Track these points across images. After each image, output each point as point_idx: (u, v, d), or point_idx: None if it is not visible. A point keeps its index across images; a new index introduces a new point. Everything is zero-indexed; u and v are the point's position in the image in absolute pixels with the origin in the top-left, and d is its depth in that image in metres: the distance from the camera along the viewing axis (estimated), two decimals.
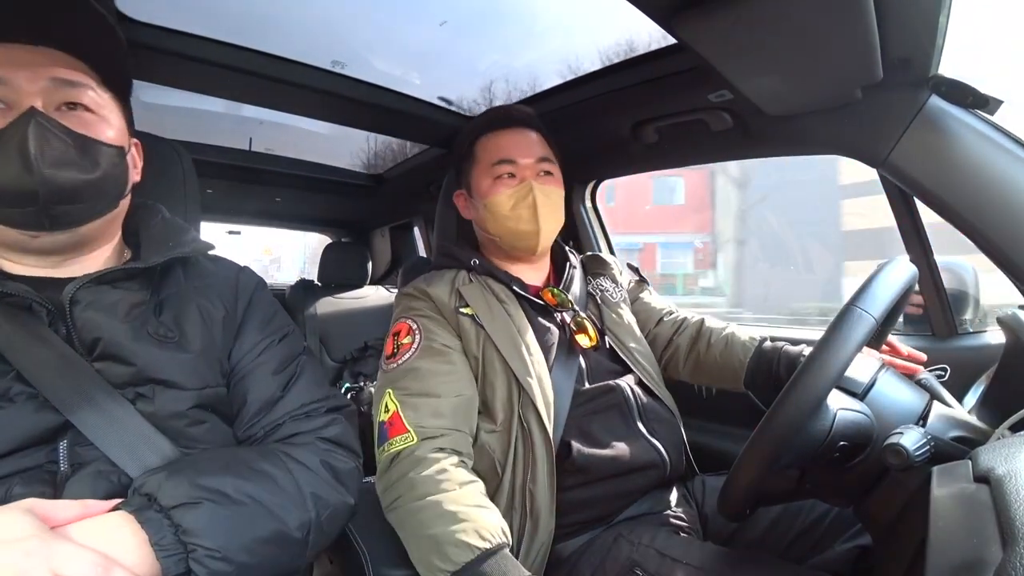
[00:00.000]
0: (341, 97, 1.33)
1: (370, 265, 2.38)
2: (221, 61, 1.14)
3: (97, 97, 0.64)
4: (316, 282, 2.33)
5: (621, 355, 1.00)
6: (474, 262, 1.01)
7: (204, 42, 1.11)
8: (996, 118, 0.84)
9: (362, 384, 1.95)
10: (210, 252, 0.77)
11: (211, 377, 0.68)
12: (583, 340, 0.96)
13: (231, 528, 0.54)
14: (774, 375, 0.95)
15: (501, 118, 1.04)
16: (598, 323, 1.03)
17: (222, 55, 1.14)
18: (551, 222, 1.00)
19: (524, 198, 0.97)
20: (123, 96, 0.69)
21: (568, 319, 0.98)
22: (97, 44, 0.63)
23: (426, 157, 1.89)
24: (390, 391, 0.86)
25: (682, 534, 0.89)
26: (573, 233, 1.66)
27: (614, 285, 1.13)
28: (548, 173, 1.02)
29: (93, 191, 0.62)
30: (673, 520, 0.92)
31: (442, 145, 1.71)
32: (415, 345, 0.91)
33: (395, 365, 0.90)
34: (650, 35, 1.08)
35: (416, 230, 2.63)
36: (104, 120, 0.64)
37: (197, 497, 0.53)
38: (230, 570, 0.53)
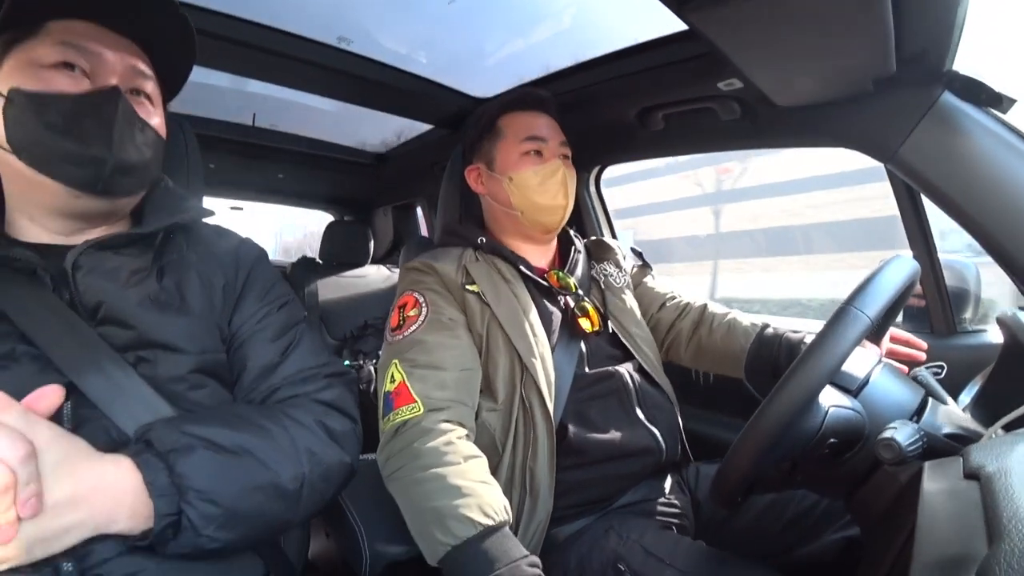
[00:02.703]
0: (346, 74, 1.32)
1: (372, 244, 2.37)
2: (226, 34, 1.12)
3: (156, 91, 0.70)
4: (317, 260, 2.33)
5: (623, 340, 1.01)
6: (481, 240, 1.01)
7: (209, 15, 1.09)
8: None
9: (361, 362, 1.96)
10: (212, 223, 0.79)
11: (210, 342, 0.69)
12: (585, 324, 0.97)
13: (223, 474, 0.56)
14: (774, 361, 0.96)
15: (528, 99, 1.06)
16: (601, 308, 1.03)
17: (227, 28, 1.12)
18: (571, 202, 1.03)
19: (552, 175, 1.00)
20: (170, 94, 0.76)
21: (572, 303, 0.99)
22: (175, 54, 0.70)
23: (430, 137, 1.87)
24: (396, 362, 0.87)
25: (673, 530, 0.90)
26: (576, 218, 1.65)
27: (618, 270, 1.14)
28: (566, 157, 1.04)
29: (142, 171, 0.67)
30: (666, 509, 0.93)
31: (447, 125, 1.69)
32: (422, 318, 0.91)
33: (401, 337, 0.90)
34: (662, 20, 1.06)
35: (419, 210, 2.62)
36: (155, 111, 0.70)
37: (190, 443, 0.55)
38: (219, 513, 0.55)
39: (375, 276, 2.36)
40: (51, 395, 0.49)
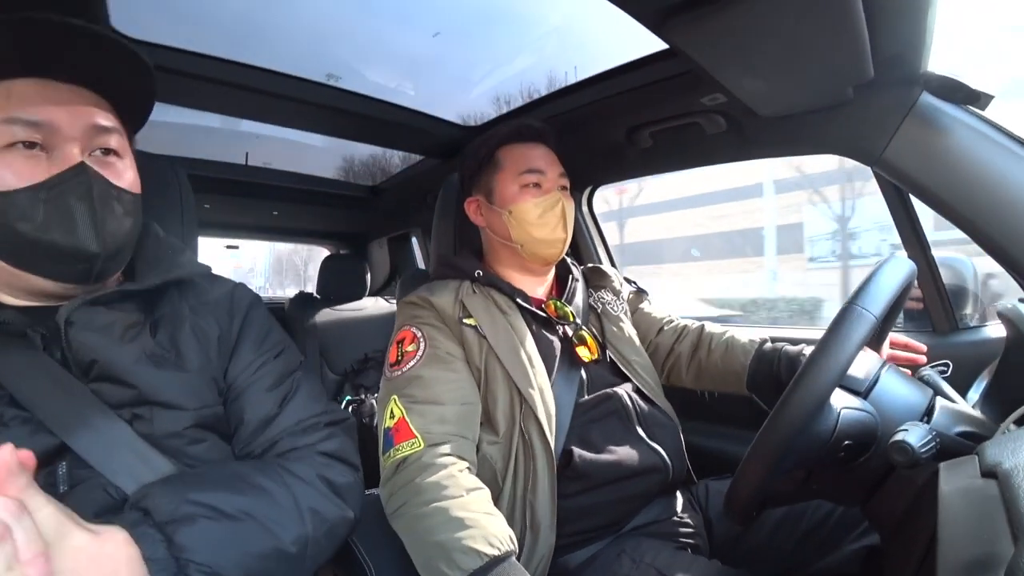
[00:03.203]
0: (336, 110, 1.34)
1: (368, 277, 2.38)
2: (215, 76, 1.14)
3: (122, 140, 0.64)
4: (315, 295, 2.33)
5: (622, 368, 1.00)
6: (478, 273, 1.01)
7: (198, 58, 1.11)
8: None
9: (363, 396, 1.94)
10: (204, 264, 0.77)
11: (209, 397, 0.68)
12: (584, 353, 0.96)
13: (224, 543, 0.54)
14: (775, 376, 0.95)
15: (526, 130, 1.05)
16: (599, 336, 1.03)
17: (216, 70, 1.14)
18: (570, 233, 1.03)
19: (552, 208, 0.99)
20: (134, 129, 0.70)
21: (570, 332, 0.98)
22: (131, 88, 0.64)
23: (422, 168, 1.89)
24: (395, 398, 0.86)
25: (687, 551, 0.88)
26: (572, 242, 1.66)
27: (615, 297, 1.13)
28: (565, 188, 1.04)
29: (130, 242, 0.64)
30: (679, 529, 0.92)
31: (437, 155, 1.71)
32: (420, 353, 0.90)
33: (399, 373, 0.90)
34: (642, 41, 1.08)
35: (414, 241, 2.64)
36: (127, 164, 0.64)
37: (191, 513, 0.53)
38: None
39: (373, 309, 2.36)
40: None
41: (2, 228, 0.55)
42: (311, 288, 2.40)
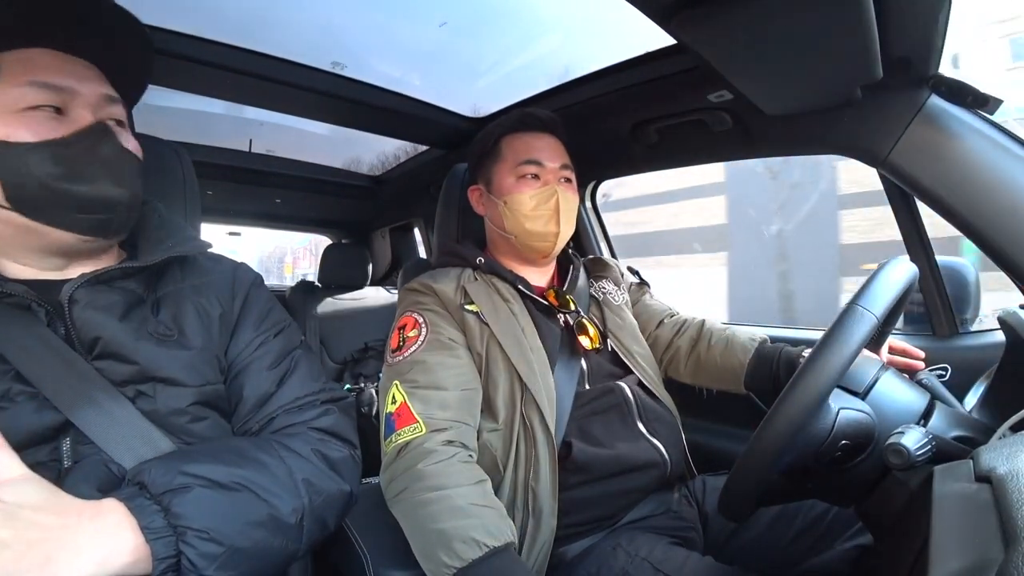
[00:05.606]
0: (341, 98, 1.33)
1: (370, 266, 2.37)
2: (221, 63, 1.14)
3: (124, 112, 0.68)
4: (316, 283, 2.33)
5: (623, 357, 1.00)
6: (480, 260, 1.01)
7: (204, 43, 1.11)
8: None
9: (363, 385, 1.94)
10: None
11: (211, 374, 0.69)
12: (585, 342, 0.96)
13: (222, 512, 0.54)
14: (773, 375, 0.95)
15: (531, 120, 1.04)
16: (600, 325, 1.03)
17: (222, 56, 1.14)
18: (567, 227, 1.01)
19: (547, 201, 0.98)
20: (131, 109, 0.74)
21: (571, 320, 0.98)
22: (132, 63, 0.68)
23: (426, 158, 1.89)
24: (397, 383, 0.87)
25: (682, 545, 0.89)
26: (574, 234, 1.65)
27: (616, 288, 1.13)
28: (568, 180, 1.03)
29: (139, 204, 0.68)
30: (674, 523, 0.92)
31: (442, 146, 1.71)
32: (422, 338, 0.91)
33: (401, 358, 0.90)
34: (650, 36, 1.07)
35: (416, 231, 2.63)
36: (129, 134, 0.68)
37: (186, 483, 0.54)
38: (221, 551, 0.53)
39: (374, 298, 2.36)
40: None
41: (25, 179, 0.58)
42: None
